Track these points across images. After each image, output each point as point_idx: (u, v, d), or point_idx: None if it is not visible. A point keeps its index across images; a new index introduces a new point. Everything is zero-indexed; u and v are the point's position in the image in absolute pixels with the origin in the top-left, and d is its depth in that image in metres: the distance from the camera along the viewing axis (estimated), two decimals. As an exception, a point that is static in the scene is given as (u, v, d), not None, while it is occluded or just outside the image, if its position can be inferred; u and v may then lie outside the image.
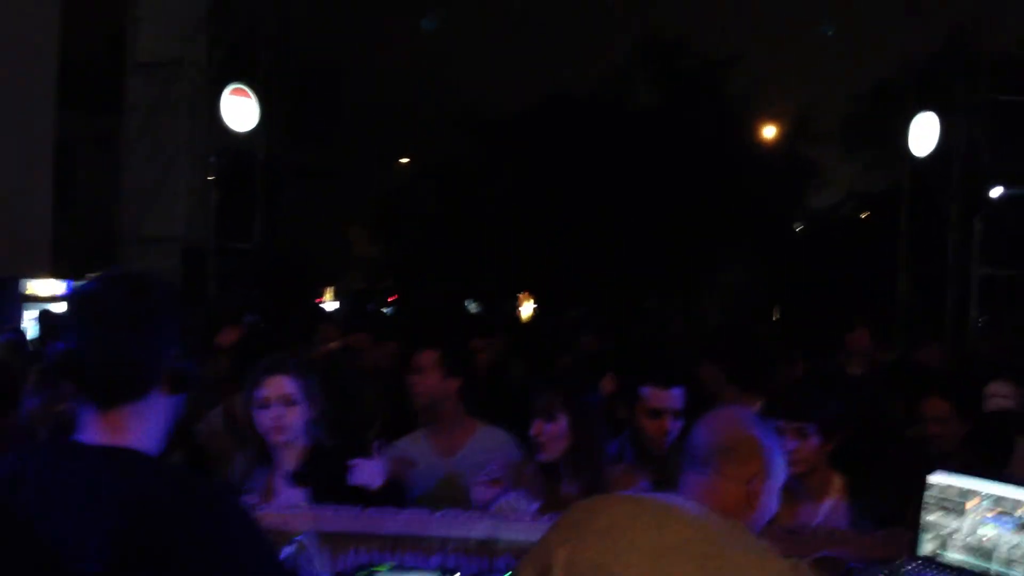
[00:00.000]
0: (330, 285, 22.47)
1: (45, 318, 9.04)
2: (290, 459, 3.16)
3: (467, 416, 3.80)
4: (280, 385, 3.13)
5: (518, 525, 2.82)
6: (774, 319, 20.63)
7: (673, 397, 3.62)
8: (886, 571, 2.66)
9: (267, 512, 2.84)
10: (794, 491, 3.19)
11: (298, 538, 2.64)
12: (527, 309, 23.24)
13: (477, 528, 2.85)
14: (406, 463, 3.54)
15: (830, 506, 3.18)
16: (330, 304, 20.25)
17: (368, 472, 3.04)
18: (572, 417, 3.15)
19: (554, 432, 3.15)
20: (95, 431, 1.70)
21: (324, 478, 3.10)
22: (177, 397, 1.79)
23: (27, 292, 11.72)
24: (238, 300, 12.43)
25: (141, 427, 1.72)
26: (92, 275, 1.92)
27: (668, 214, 19.60)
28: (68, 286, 12.16)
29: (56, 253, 13.57)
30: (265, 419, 3.12)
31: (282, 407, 3.12)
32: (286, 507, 3.02)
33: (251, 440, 3.23)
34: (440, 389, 3.73)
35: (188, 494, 1.68)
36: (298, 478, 3.12)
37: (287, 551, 2.59)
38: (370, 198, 23.61)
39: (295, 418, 3.13)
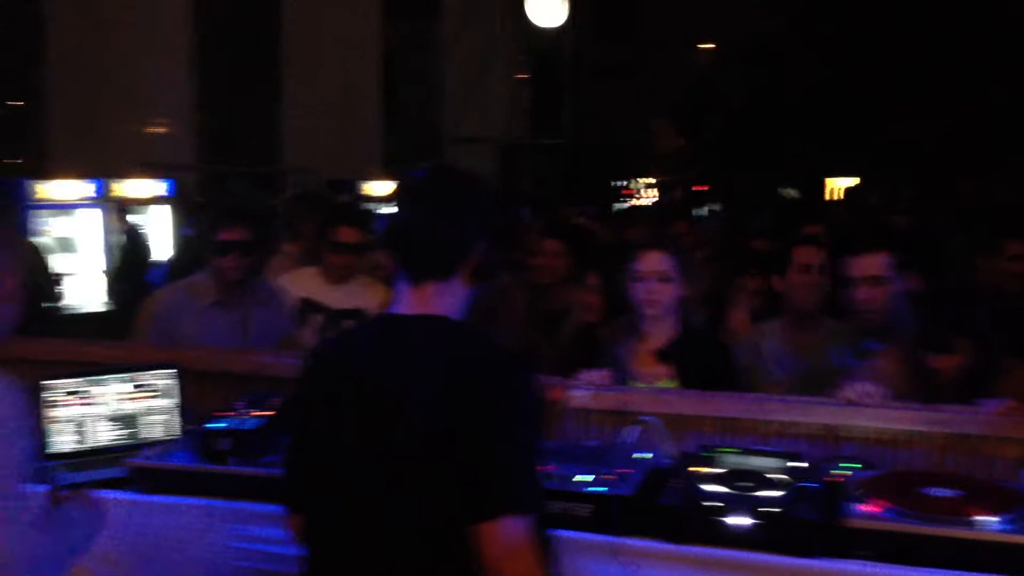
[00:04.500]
0: (637, 177, 22.54)
1: None
2: (659, 334, 3.28)
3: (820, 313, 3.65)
4: (656, 261, 3.24)
5: (865, 412, 2.73)
6: None
7: None
8: None
9: (607, 393, 2.93)
10: None
11: (643, 418, 2.72)
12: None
13: (819, 413, 2.79)
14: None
15: None
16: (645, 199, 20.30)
17: None
18: (974, 349, 2.80)
19: (951, 363, 2.85)
20: (406, 304, 1.90)
21: (689, 358, 3.17)
22: (477, 288, 1.93)
23: (362, 192, 12.78)
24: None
25: (443, 304, 1.88)
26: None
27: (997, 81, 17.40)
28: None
29: (386, 156, 14.61)
30: (639, 292, 3.25)
31: (655, 282, 3.22)
32: (626, 388, 3.11)
33: (626, 310, 3.37)
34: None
35: (496, 362, 1.83)
36: (661, 355, 3.23)
37: (633, 430, 2.68)
38: (674, 88, 23.18)
39: (667, 294, 3.23)
